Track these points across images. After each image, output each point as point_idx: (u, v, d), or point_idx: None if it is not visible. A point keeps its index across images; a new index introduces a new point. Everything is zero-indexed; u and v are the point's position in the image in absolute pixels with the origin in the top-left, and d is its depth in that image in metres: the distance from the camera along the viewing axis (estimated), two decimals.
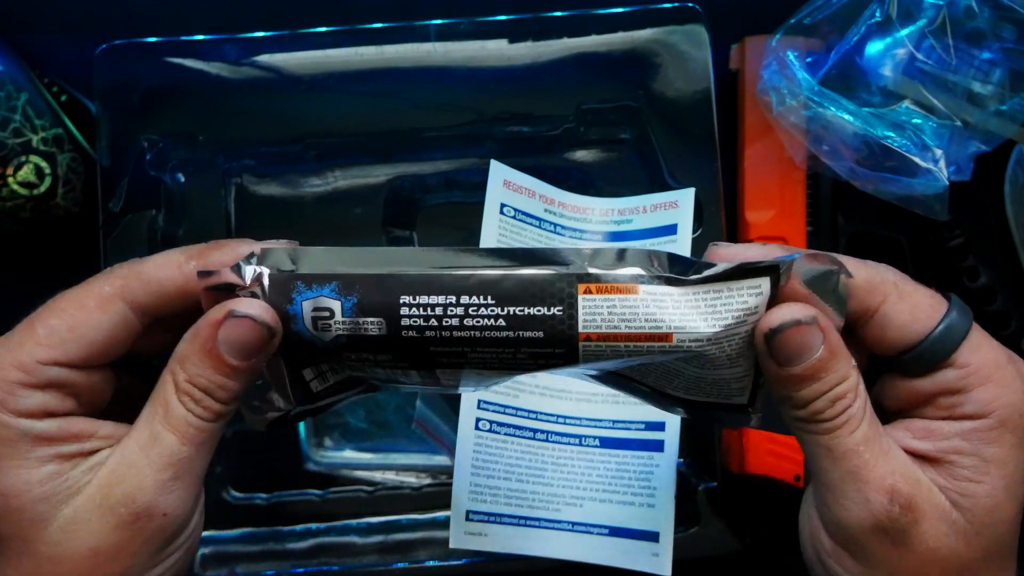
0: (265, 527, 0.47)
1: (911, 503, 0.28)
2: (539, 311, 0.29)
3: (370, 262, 0.30)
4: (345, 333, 0.30)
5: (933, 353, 0.29)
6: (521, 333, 0.29)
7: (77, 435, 0.29)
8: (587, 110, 0.45)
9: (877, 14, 0.40)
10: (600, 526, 0.41)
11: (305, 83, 0.45)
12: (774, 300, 0.29)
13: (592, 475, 0.42)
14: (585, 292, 0.29)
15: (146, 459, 0.29)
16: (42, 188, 0.45)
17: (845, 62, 0.42)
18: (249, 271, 0.29)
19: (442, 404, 0.46)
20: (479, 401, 0.41)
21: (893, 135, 0.40)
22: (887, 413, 0.31)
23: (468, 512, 0.40)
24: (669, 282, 0.29)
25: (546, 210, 0.44)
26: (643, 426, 0.42)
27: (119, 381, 0.31)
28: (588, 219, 0.44)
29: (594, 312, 0.29)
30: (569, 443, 0.42)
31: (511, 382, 0.41)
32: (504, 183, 0.43)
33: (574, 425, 0.42)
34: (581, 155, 0.46)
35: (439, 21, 0.45)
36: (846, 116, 0.41)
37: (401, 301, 0.29)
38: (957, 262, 0.47)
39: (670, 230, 0.43)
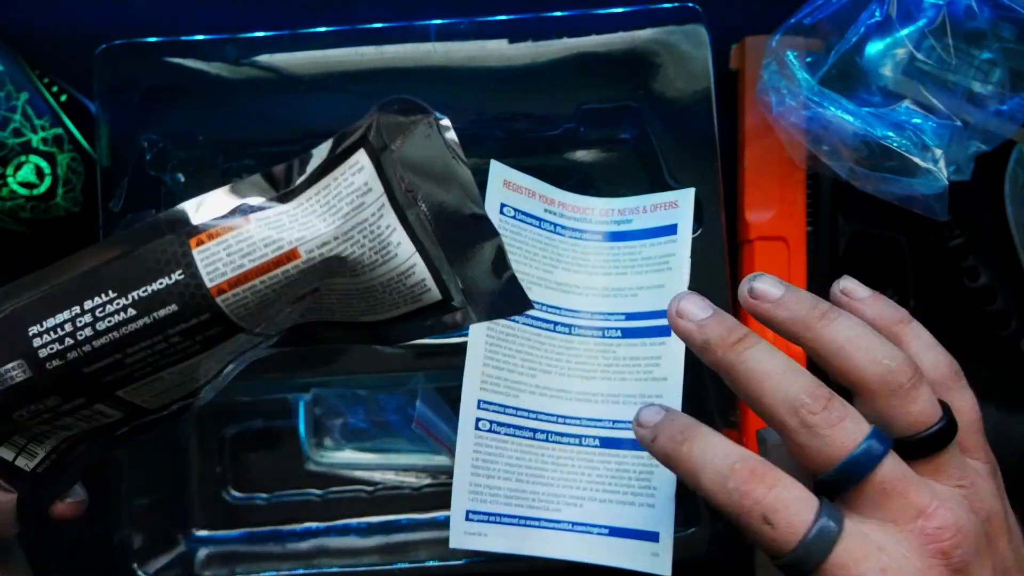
0: (265, 527, 0.47)
1: None
2: (162, 283, 0.27)
3: None
4: None
5: (802, 562, 0.29)
6: (156, 315, 0.27)
7: None
8: (587, 110, 0.45)
9: (877, 14, 0.40)
10: (600, 526, 0.41)
11: (305, 83, 0.45)
12: (381, 168, 0.28)
13: (592, 475, 0.42)
14: (198, 245, 0.27)
15: None
16: (42, 188, 0.45)
17: (845, 62, 0.42)
18: None
19: (442, 404, 0.46)
20: (479, 401, 0.41)
21: (893, 135, 0.40)
22: None
23: (468, 512, 0.40)
24: (278, 200, 0.28)
25: (546, 210, 0.44)
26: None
27: None
28: (588, 219, 0.44)
29: (214, 261, 0.27)
30: (569, 443, 0.42)
31: (511, 381, 0.41)
32: (504, 183, 0.43)
33: (574, 425, 0.42)
34: (581, 155, 0.46)
35: (439, 21, 0.45)
36: (846, 116, 0.41)
37: (31, 333, 0.27)
38: (957, 262, 0.47)
39: (670, 230, 0.43)
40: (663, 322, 0.41)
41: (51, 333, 0.27)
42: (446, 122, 0.28)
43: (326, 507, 0.47)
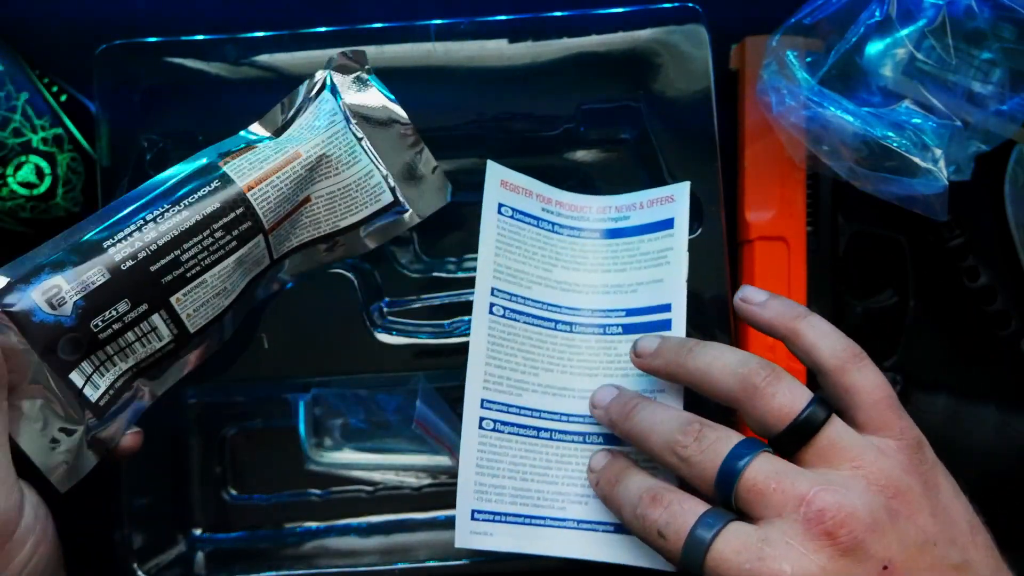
0: (265, 527, 0.47)
1: None
2: (206, 190, 0.37)
3: (68, 236, 0.35)
4: (79, 296, 0.34)
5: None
6: (204, 212, 0.36)
7: None
8: (587, 110, 0.45)
9: (877, 14, 0.40)
10: (606, 523, 0.40)
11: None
12: (342, 103, 0.41)
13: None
14: (226, 163, 0.38)
15: None
16: (42, 188, 0.45)
17: (845, 62, 0.42)
18: None
19: (442, 404, 0.46)
20: (482, 400, 0.41)
21: (893, 135, 0.40)
22: None
23: (473, 511, 0.40)
24: (275, 135, 0.41)
25: (544, 209, 0.44)
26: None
27: None
28: (585, 217, 0.44)
29: (241, 168, 0.38)
30: (573, 441, 0.42)
31: (514, 380, 0.41)
32: (501, 183, 0.43)
33: (578, 423, 0.42)
34: (581, 155, 0.46)
35: (439, 21, 0.45)
36: (846, 116, 0.41)
37: (106, 244, 0.35)
38: (957, 262, 0.47)
39: (667, 224, 0.43)
40: (664, 316, 0.41)
41: (123, 240, 0.35)
42: (373, 76, 0.41)
43: (326, 507, 0.47)
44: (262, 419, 0.47)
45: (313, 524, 0.47)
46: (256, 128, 0.41)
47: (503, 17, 0.45)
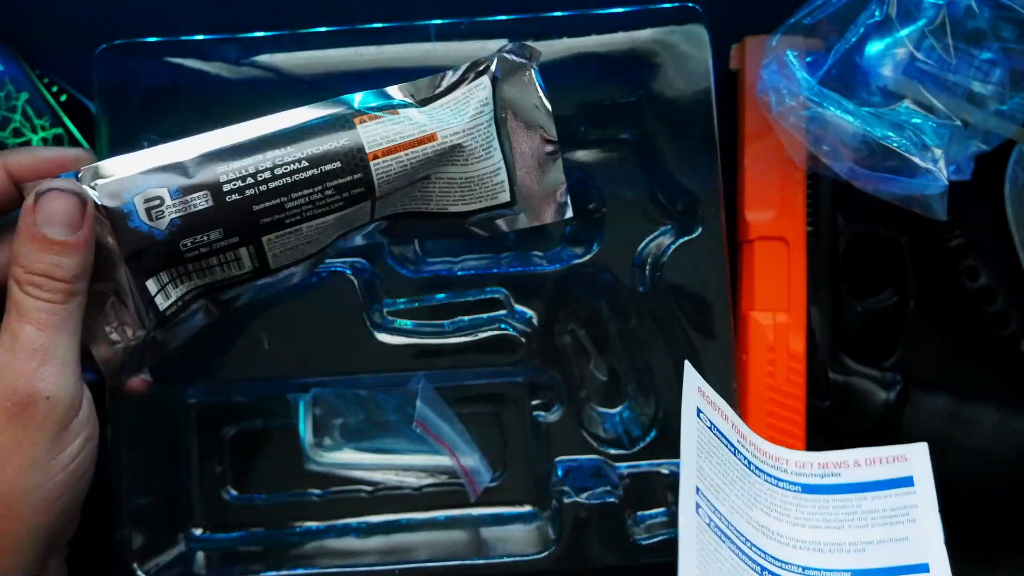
0: (265, 527, 0.47)
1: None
2: (331, 145, 0.36)
3: (189, 148, 0.35)
4: (177, 215, 0.34)
5: None
6: (322, 168, 0.36)
7: None
8: (587, 110, 0.45)
9: (877, 14, 0.40)
10: None
11: (305, 83, 0.45)
12: (495, 92, 0.38)
13: None
14: (360, 123, 0.36)
15: (12, 355, 0.31)
16: None
17: (845, 62, 0.42)
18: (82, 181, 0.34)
19: (442, 404, 0.46)
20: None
21: (893, 135, 0.40)
22: None
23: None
24: (419, 104, 0.39)
25: (739, 441, 0.39)
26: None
27: None
28: (783, 468, 0.39)
29: (373, 135, 0.36)
30: None
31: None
32: (698, 390, 0.39)
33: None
34: (581, 155, 0.46)
35: (439, 21, 0.45)
36: (846, 116, 0.41)
37: (219, 171, 0.35)
38: (957, 262, 0.47)
39: (902, 483, 0.38)
40: None
41: (236, 172, 0.35)
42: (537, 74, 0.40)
43: (326, 507, 0.47)
44: (262, 419, 0.47)
45: (313, 524, 0.47)
46: (398, 91, 0.39)
47: (503, 17, 0.45)
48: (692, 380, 0.38)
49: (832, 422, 0.45)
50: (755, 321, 0.45)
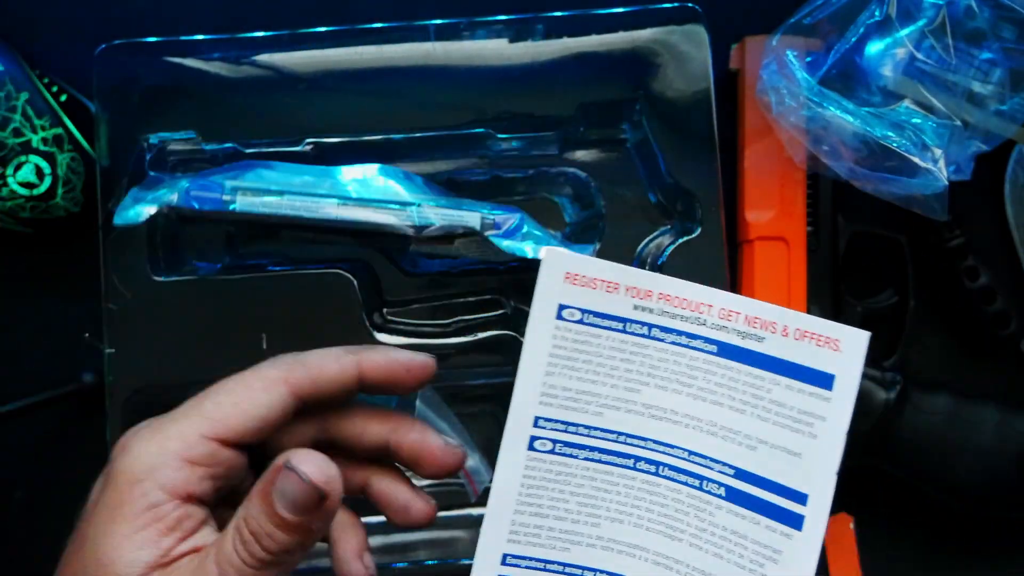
0: None
1: None
2: None
3: None
4: None
5: None
6: None
7: (185, 532, 0.30)
8: (587, 110, 0.45)
9: (877, 14, 0.40)
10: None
11: (305, 83, 0.45)
12: None
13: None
14: None
15: None
16: (42, 188, 0.45)
17: (845, 62, 0.42)
18: None
19: (442, 404, 0.46)
20: (504, 556, 0.33)
21: (893, 135, 0.40)
22: None
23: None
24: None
25: (636, 307, 0.33)
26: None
27: (243, 480, 0.33)
28: (702, 318, 0.33)
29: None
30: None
31: (559, 532, 0.33)
32: (565, 277, 0.32)
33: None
34: (581, 155, 0.46)
35: (439, 21, 0.45)
36: (846, 116, 0.41)
37: None
38: (957, 262, 0.47)
39: (822, 380, 0.32)
40: (793, 508, 0.32)
41: None
42: None
43: None
44: None
45: None
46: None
47: (503, 17, 0.45)
48: (554, 268, 0.31)
49: None
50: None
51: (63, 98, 0.46)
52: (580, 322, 0.32)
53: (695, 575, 0.33)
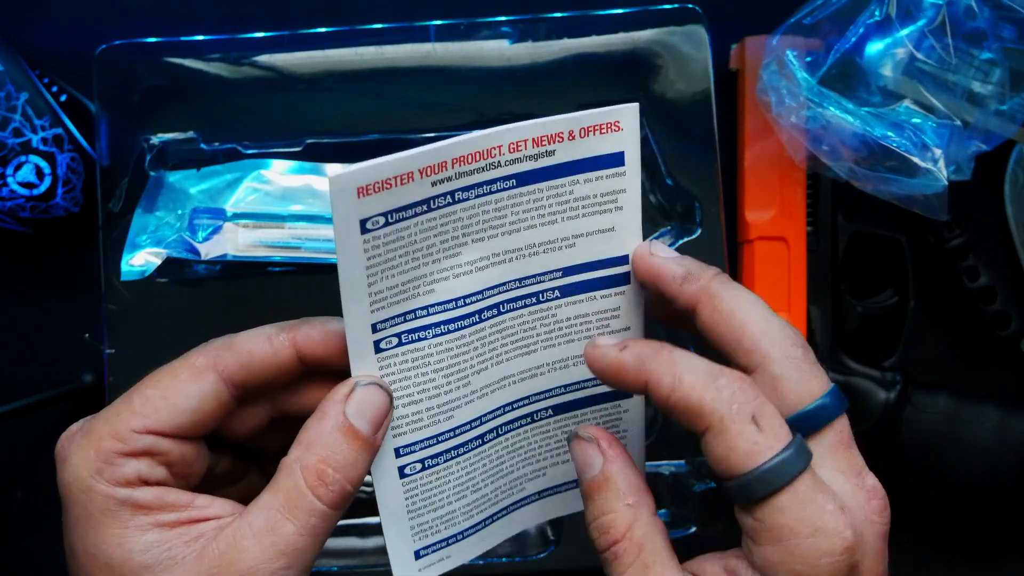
0: None
1: None
2: None
3: None
4: None
5: (737, 496, 0.28)
6: None
7: (173, 504, 0.29)
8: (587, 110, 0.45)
9: (877, 14, 0.40)
10: (568, 483, 0.37)
11: (305, 83, 0.45)
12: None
13: (551, 444, 0.36)
14: None
15: (259, 546, 0.28)
16: (42, 188, 0.45)
17: (845, 62, 0.42)
18: None
19: None
20: (396, 450, 0.33)
21: (893, 135, 0.40)
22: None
23: (417, 552, 0.35)
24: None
25: (434, 182, 0.32)
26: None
27: (215, 462, 0.32)
28: (496, 161, 0.33)
29: None
30: (521, 425, 0.36)
31: (437, 407, 0.34)
32: (358, 192, 0.30)
33: (522, 407, 0.36)
34: None
35: (439, 21, 0.45)
36: (846, 116, 0.41)
37: None
38: (957, 262, 0.47)
39: (613, 160, 0.34)
40: (618, 270, 0.34)
41: None
42: None
43: None
44: None
45: None
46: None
47: (503, 18, 0.45)
48: (345, 187, 0.30)
49: None
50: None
51: (63, 98, 0.46)
52: (386, 224, 0.31)
53: (556, 368, 0.35)
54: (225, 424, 0.31)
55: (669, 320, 0.35)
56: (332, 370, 0.31)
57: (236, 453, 0.34)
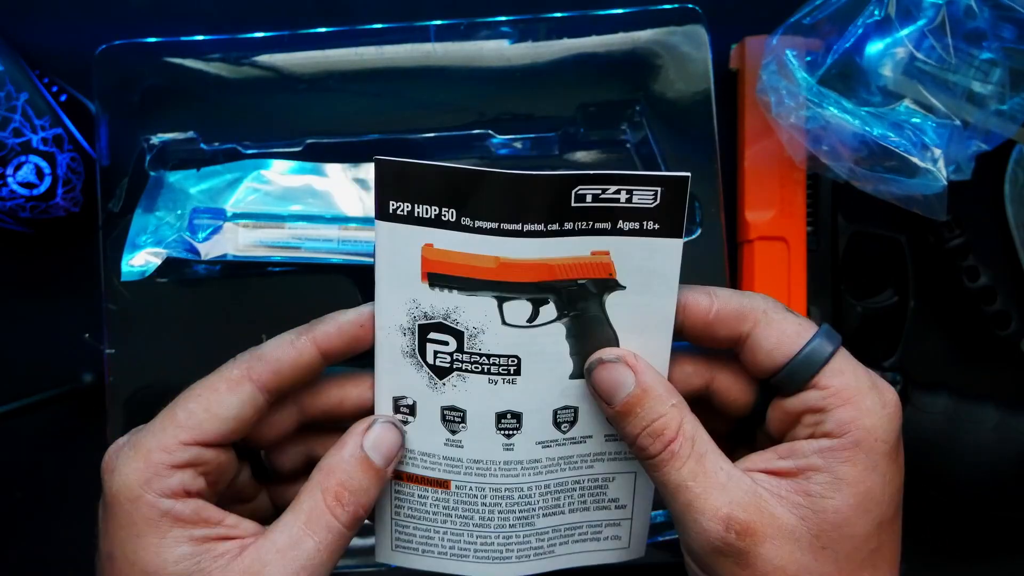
0: None
1: (748, 528, 0.30)
2: None
3: None
4: None
5: (796, 374, 0.31)
6: None
7: (207, 520, 0.31)
8: (587, 110, 0.45)
9: (876, 13, 0.40)
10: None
11: (305, 83, 0.45)
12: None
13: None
14: None
15: (282, 561, 0.30)
16: (42, 188, 0.45)
17: (844, 62, 0.42)
18: None
19: None
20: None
21: (893, 135, 0.40)
22: (772, 438, 0.33)
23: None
24: None
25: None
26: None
27: (239, 471, 0.34)
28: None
29: None
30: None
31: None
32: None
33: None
34: (581, 155, 0.46)
35: (439, 21, 0.45)
36: (845, 116, 0.41)
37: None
38: (957, 262, 0.47)
39: None
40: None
41: None
42: None
43: None
44: None
45: None
46: None
47: (503, 18, 0.45)
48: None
49: None
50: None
51: (63, 98, 0.46)
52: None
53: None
54: (255, 430, 0.33)
55: None
56: (352, 355, 0.34)
57: (254, 471, 0.35)
